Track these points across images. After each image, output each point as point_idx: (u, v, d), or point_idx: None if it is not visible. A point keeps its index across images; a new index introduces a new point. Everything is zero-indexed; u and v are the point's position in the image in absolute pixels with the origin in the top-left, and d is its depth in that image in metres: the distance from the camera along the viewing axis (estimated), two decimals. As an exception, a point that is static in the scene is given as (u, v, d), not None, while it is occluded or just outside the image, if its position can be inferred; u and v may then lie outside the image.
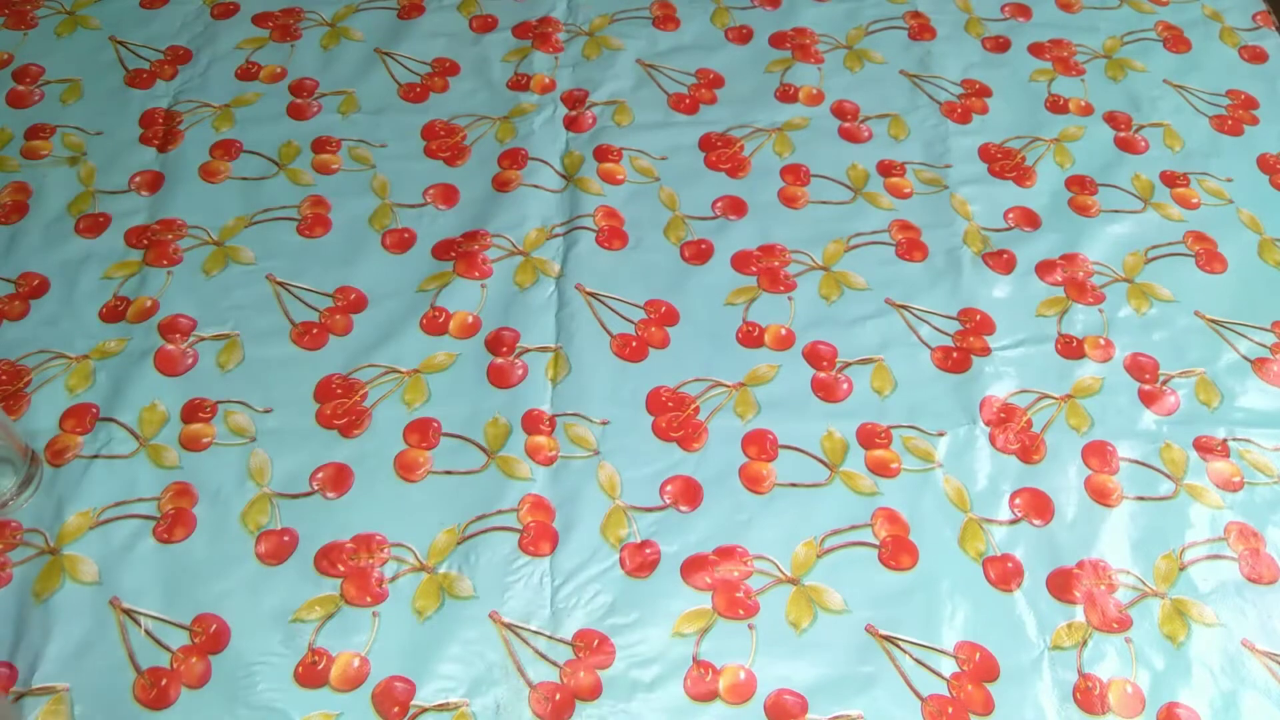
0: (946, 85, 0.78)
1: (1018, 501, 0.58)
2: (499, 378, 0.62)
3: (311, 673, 0.52)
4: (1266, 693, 0.52)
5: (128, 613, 0.53)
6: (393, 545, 0.56)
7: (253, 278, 0.66)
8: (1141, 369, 0.63)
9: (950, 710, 0.51)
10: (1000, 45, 0.81)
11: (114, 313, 0.64)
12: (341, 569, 0.55)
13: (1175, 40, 0.82)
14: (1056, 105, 0.77)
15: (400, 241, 0.68)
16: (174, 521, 0.56)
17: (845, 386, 0.62)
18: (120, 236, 0.68)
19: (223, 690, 0.51)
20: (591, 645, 0.53)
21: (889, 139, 0.74)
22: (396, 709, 0.51)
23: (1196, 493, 0.59)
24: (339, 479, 0.58)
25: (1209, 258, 0.69)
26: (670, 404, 0.61)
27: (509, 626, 0.53)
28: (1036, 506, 0.58)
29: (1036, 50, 0.81)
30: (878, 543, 0.56)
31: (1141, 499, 0.58)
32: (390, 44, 0.79)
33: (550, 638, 0.53)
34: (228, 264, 0.67)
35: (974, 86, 0.78)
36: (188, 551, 0.55)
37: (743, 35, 0.81)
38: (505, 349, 0.63)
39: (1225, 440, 0.61)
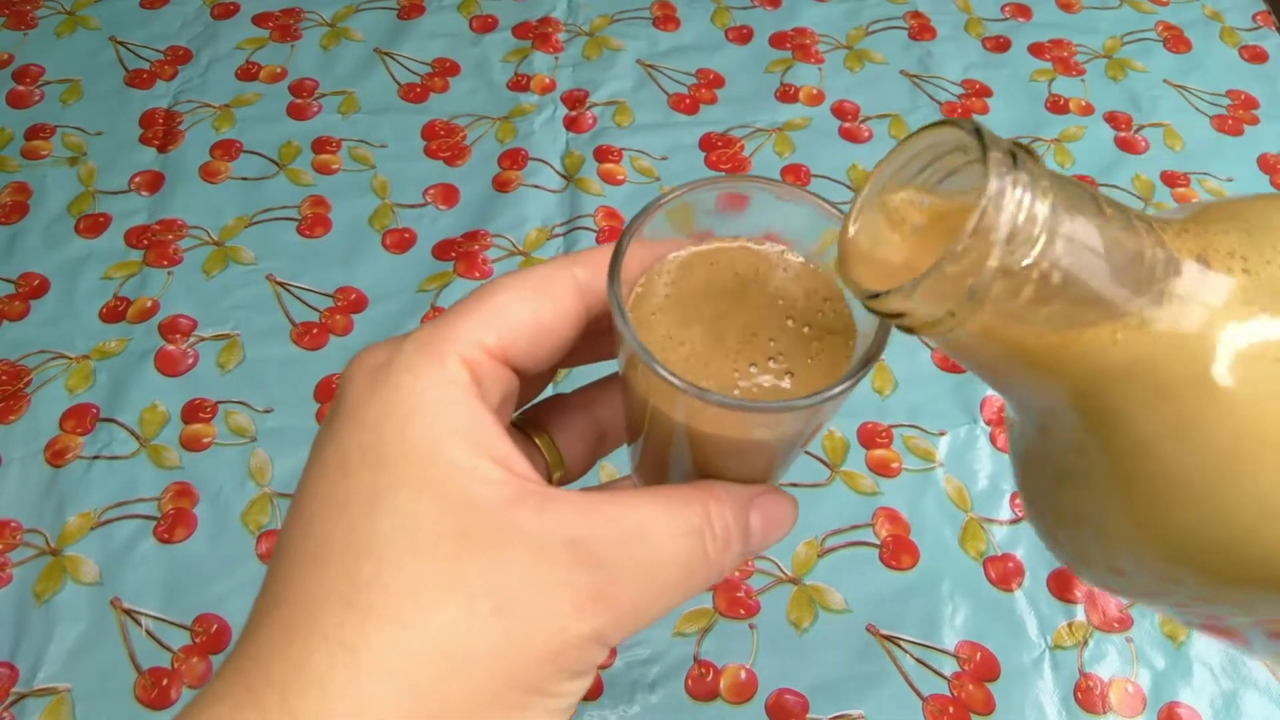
0: (946, 85, 0.78)
1: (1018, 501, 0.58)
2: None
3: (312, 673, 0.52)
4: (1267, 692, 0.52)
5: (128, 613, 0.53)
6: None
7: (253, 278, 0.66)
8: (1142, 369, 0.63)
9: (951, 710, 0.51)
10: (1000, 45, 0.81)
11: (114, 313, 0.64)
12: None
13: (1175, 40, 0.82)
14: (1056, 105, 0.77)
15: (400, 241, 0.68)
16: (174, 521, 0.56)
17: (846, 386, 0.62)
18: (120, 236, 0.68)
19: (223, 690, 0.51)
20: (592, 645, 0.53)
21: (889, 139, 0.74)
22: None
23: (1197, 492, 0.59)
24: (339, 479, 0.58)
25: (1209, 257, 0.69)
26: (671, 404, 0.61)
27: (510, 626, 0.53)
28: (1037, 506, 0.58)
29: (1036, 50, 0.81)
30: (878, 542, 0.57)
31: (1142, 499, 0.58)
32: (390, 44, 0.79)
33: (551, 638, 0.53)
34: (228, 264, 0.67)
35: (974, 86, 0.78)
36: (189, 551, 0.55)
37: (743, 35, 0.81)
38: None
39: (1226, 440, 0.61)
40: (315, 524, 0.23)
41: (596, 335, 0.28)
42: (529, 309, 0.25)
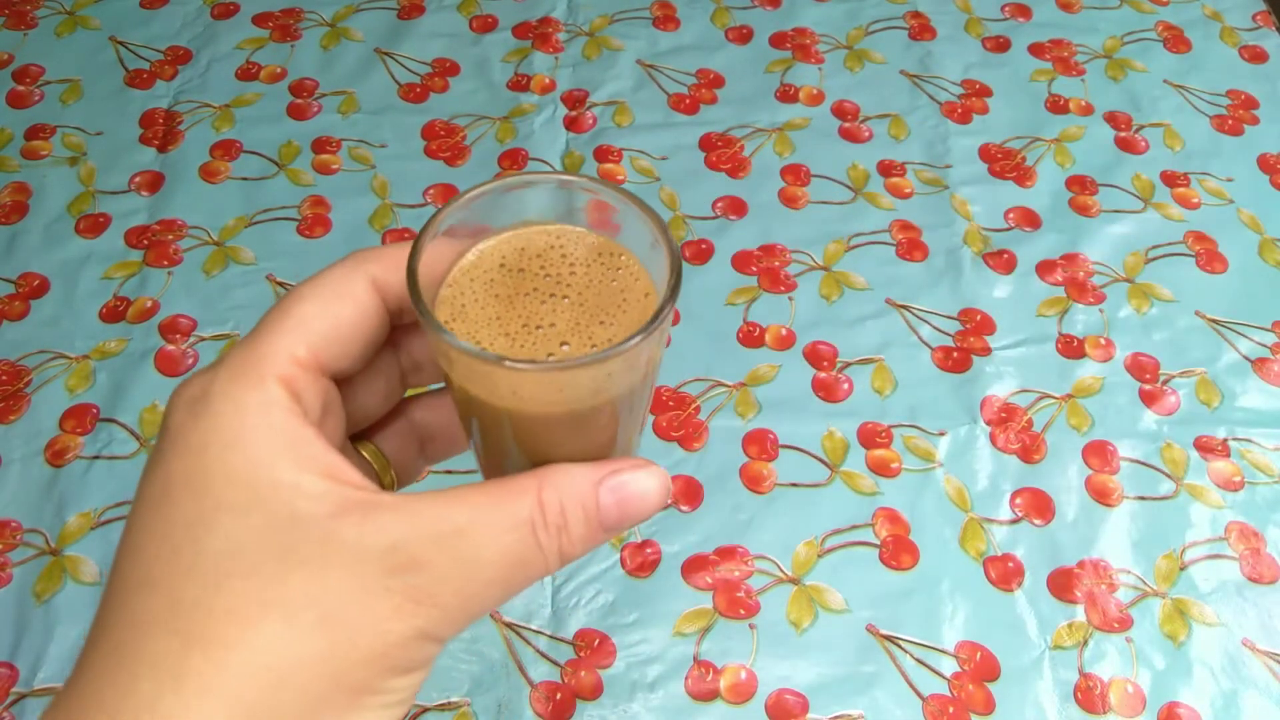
0: (946, 85, 0.78)
1: (1018, 501, 0.58)
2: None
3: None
4: (1267, 692, 0.52)
5: (128, 613, 0.53)
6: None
7: (253, 278, 0.66)
8: (1142, 369, 0.63)
9: (951, 710, 0.51)
10: (1000, 45, 0.81)
11: (114, 313, 0.64)
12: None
13: (1175, 40, 0.82)
14: (1056, 105, 0.77)
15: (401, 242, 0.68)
16: (174, 521, 0.56)
17: (846, 386, 0.62)
18: (120, 236, 0.68)
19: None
20: (592, 645, 0.53)
21: (889, 139, 0.75)
22: (397, 709, 0.51)
23: (1197, 492, 0.59)
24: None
25: (1209, 258, 0.69)
26: (671, 403, 0.61)
27: (510, 626, 0.53)
28: (1037, 506, 0.58)
29: (1036, 50, 0.81)
30: (878, 542, 0.56)
31: (1142, 499, 0.58)
32: (390, 44, 0.79)
33: (551, 637, 0.53)
34: (228, 264, 0.67)
35: (974, 86, 0.78)
36: (188, 551, 0.55)
37: (743, 35, 0.81)
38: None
39: (1226, 440, 0.61)
40: (142, 550, 0.23)
41: (405, 331, 0.29)
42: (330, 314, 0.26)
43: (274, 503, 0.23)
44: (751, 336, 0.64)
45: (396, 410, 0.31)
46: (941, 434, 0.60)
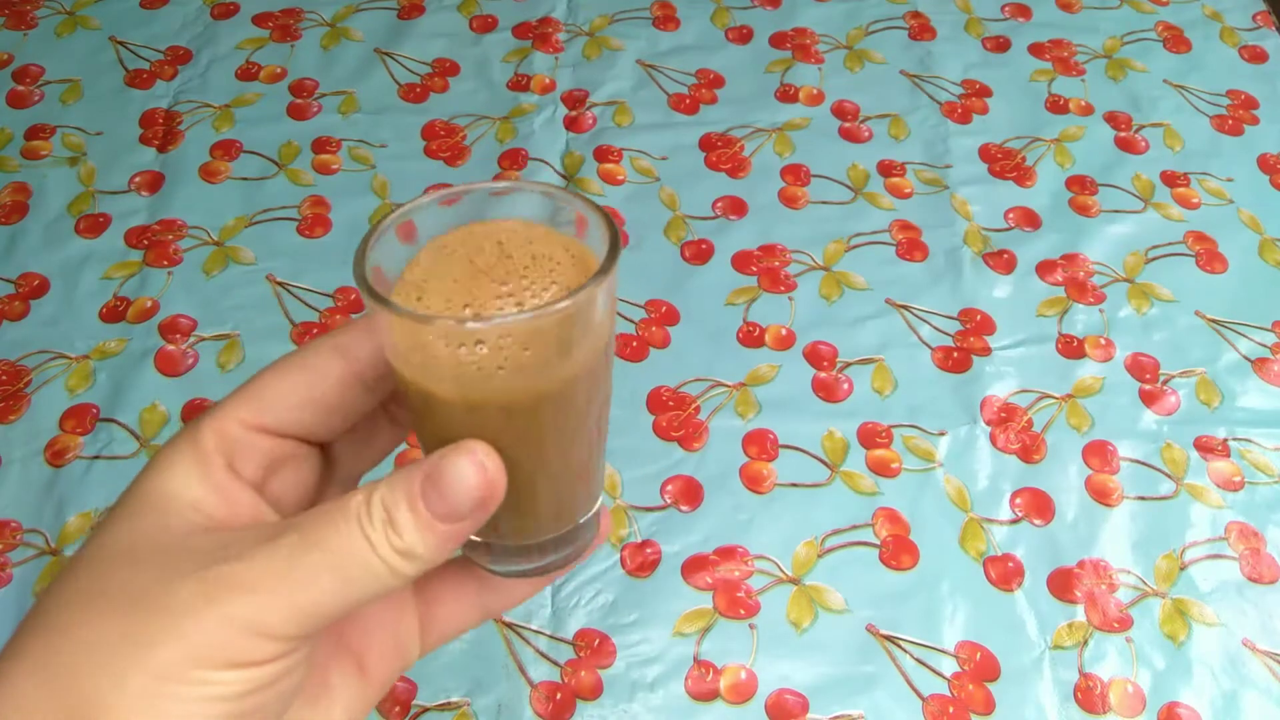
0: (946, 85, 0.78)
1: (1018, 501, 0.58)
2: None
3: (312, 673, 0.52)
4: (1267, 692, 0.52)
5: (128, 613, 0.53)
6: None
7: (253, 278, 0.66)
8: (1142, 369, 0.63)
9: (951, 710, 0.51)
10: (1000, 45, 0.81)
11: (114, 313, 0.64)
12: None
13: (1175, 40, 0.82)
14: (1056, 105, 0.77)
15: (400, 241, 0.68)
16: (174, 521, 0.56)
17: (846, 386, 0.62)
18: (120, 236, 0.68)
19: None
20: (592, 645, 0.53)
21: (889, 139, 0.75)
22: (398, 709, 0.51)
23: (1197, 492, 0.59)
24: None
25: (1209, 258, 0.69)
26: (671, 403, 0.61)
27: (510, 626, 0.53)
28: (1037, 506, 0.58)
29: (1036, 50, 0.81)
30: (878, 542, 0.56)
31: (1142, 499, 0.58)
32: (390, 44, 0.79)
33: (551, 637, 0.53)
34: (228, 264, 0.67)
35: (974, 86, 0.78)
36: (188, 551, 0.55)
37: (743, 35, 0.81)
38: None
39: (1226, 440, 0.61)
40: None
41: (392, 401, 0.31)
42: (287, 382, 0.28)
43: (145, 519, 0.26)
44: (751, 336, 0.64)
45: None
46: (941, 434, 0.60)
